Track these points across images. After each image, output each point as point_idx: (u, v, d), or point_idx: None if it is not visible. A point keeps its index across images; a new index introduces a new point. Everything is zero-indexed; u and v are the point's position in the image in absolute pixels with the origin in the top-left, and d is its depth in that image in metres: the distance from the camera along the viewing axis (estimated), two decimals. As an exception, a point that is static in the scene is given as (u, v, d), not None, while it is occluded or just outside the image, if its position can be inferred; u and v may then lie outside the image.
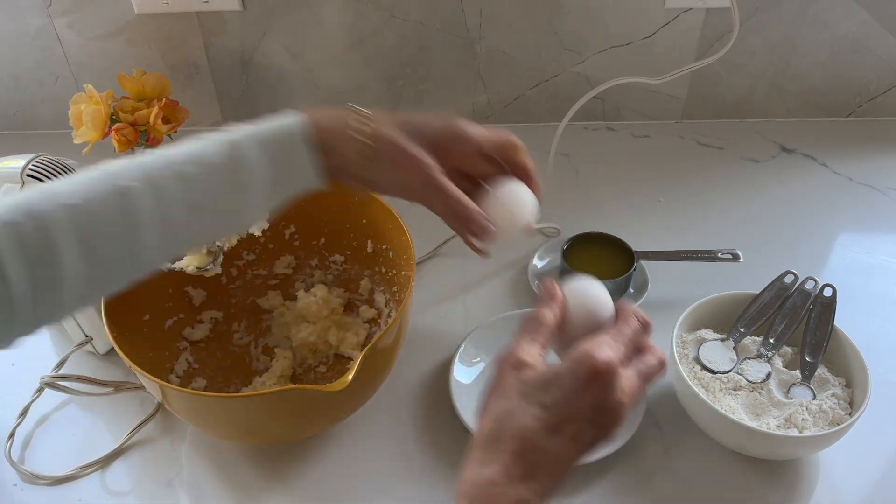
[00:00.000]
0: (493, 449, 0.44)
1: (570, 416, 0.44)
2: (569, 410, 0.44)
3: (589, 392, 0.44)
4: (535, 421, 0.43)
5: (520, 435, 0.43)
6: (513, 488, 0.42)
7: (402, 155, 0.52)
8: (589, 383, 0.44)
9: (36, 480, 0.69)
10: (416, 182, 0.52)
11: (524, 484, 0.42)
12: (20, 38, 1.04)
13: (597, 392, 0.44)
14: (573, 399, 0.44)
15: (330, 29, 1.03)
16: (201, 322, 0.80)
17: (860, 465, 0.68)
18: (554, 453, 0.43)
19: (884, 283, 0.87)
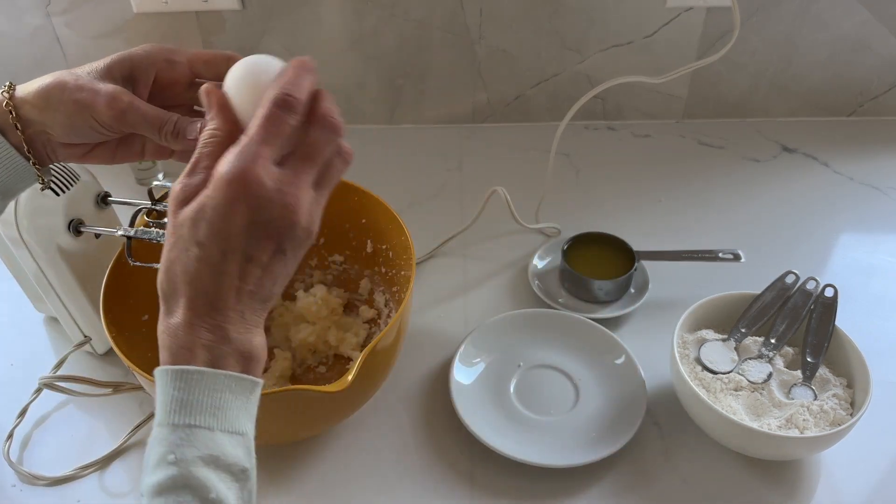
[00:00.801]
0: (173, 300, 0.43)
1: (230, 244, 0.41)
2: (225, 239, 0.41)
3: (235, 212, 0.40)
4: (197, 262, 0.41)
5: (188, 278, 0.42)
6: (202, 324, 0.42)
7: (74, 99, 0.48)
8: (232, 202, 0.40)
9: (34, 481, 0.69)
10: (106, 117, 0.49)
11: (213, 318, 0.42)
12: (19, 38, 1.04)
13: (242, 208, 0.40)
14: (224, 227, 0.41)
15: (330, 28, 1.03)
16: (200, 322, 0.79)
17: (861, 466, 0.68)
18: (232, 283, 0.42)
19: (885, 283, 0.87)
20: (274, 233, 0.42)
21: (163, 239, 0.62)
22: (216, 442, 0.40)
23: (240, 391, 0.42)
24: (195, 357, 0.42)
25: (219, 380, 0.41)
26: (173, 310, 0.43)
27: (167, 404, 0.41)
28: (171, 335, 0.42)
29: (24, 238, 0.68)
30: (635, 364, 0.74)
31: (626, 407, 0.71)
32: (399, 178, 1.04)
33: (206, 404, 0.41)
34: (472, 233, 0.93)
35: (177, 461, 0.39)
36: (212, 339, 0.42)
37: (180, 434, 0.40)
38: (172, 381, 0.41)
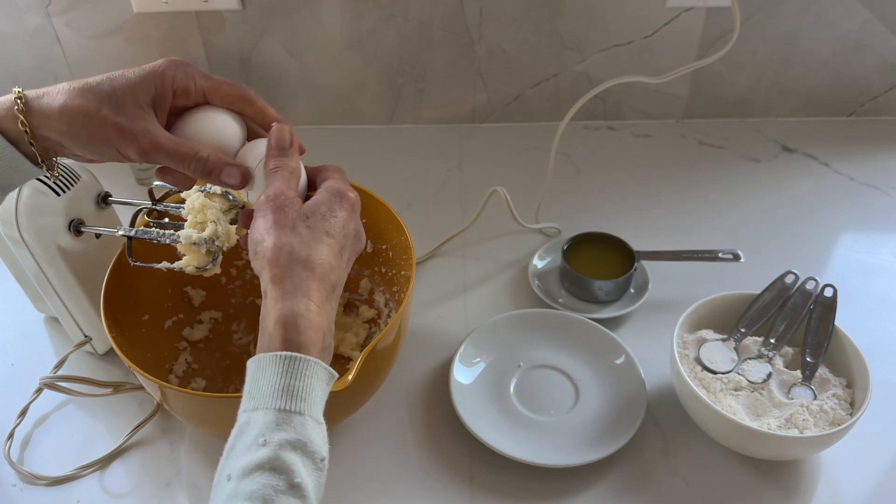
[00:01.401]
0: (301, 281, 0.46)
1: (347, 242, 0.50)
2: (346, 236, 0.50)
3: (354, 220, 0.51)
4: (327, 246, 0.48)
5: (320, 261, 0.47)
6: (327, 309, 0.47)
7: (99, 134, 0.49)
8: (353, 210, 0.51)
9: (35, 481, 0.69)
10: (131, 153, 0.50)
11: (332, 304, 0.48)
12: (18, 38, 1.04)
13: (357, 219, 0.52)
14: (347, 225, 0.50)
15: (330, 28, 1.03)
16: (201, 322, 0.80)
17: (861, 466, 0.68)
18: (342, 277, 0.50)
19: (885, 283, 0.87)
20: (359, 249, 0.53)
21: (163, 239, 0.62)
22: (305, 428, 0.42)
23: (324, 380, 0.45)
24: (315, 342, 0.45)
25: (316, 368, 0.44)
26: (300, 290, 0.46)
27: (270, 388, 0.43)
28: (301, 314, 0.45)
29: (25, 238, 0.68)
30: (635, 364, 0.74)
31: (626, 407, 0.71)
32: (399, 178, 1.04)
33: (302, 390, 0.43)
34: (472, 233, 0.93)
35: (267, 443, 0.41)
36: (329, 326, 0.47)
37: (272, 417, 0.42)
38: (282, 366, 0.43)
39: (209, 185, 0.62)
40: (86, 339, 0.77)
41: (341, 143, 1.11)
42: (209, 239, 0.59)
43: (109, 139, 0.49)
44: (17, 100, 0.49)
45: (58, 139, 0.50)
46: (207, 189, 0.62)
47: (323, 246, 0.48)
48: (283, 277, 0.46)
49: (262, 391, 0.43)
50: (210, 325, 0.80)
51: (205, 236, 0.59)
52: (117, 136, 0.49)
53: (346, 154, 1.09)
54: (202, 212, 0.60)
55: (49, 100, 0.49)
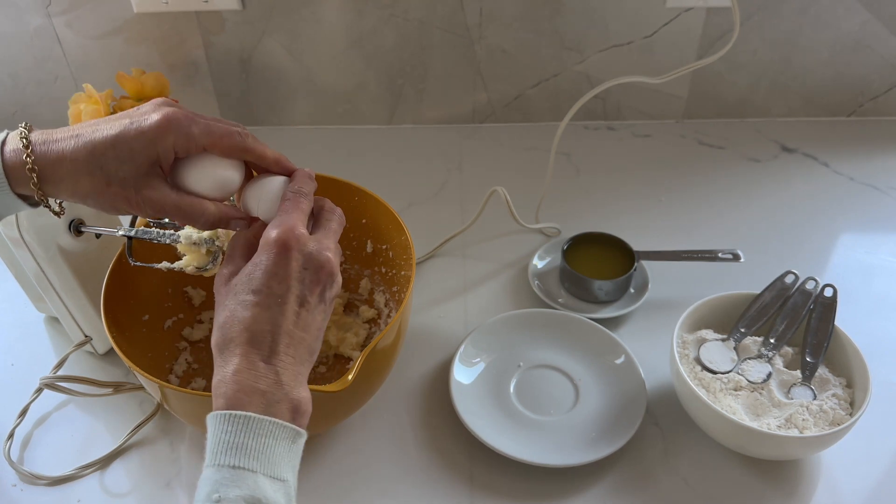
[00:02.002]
0: (228, 350, 0.47)
1: (285, 287, 0.48)
2: (280, 283, 0.48)
3: (288, 260, 0.48)
4: (252, 307, 0.47)
5: (244, 326, 0.47)
6: (259, 369, 0.46)
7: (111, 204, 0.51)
8: (283, 254, 0.48)
9: (35, 481, 0.69)
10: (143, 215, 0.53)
11: (269, 362, 0.46)
12: (19, 38, 1.04)
13: (295, 255, 0.49)
14: (279, 271, 0.48)
15: (330, 28, 1.03)
16: (201, 322, 0.80)
17: (861, 466, 0.68)
18: (286, 326, 0.47)
19: (885, 283, 0.87)
20: (321, 279, 0.50)
21: (163, 239, 0.62)
22: (258, 485, 0.43)
23: (283, 438, 0.45)
24: (251, 402, 0.45)
25: (265, 425, 0.44)
26: (228, 359, 0.47)
27: (215, 446, 0.43)
28: (227, 382, 0.46)
29: (25, 238, 0.68)
30: (635, 364, 0.74)
31: (626, 407, 0.71)
32: (399, 178, 1.04)
33: (252, 448, 0.43)
34: (472, 233, 0.93)
35: (220, 500, 0.41)
36: (268, 383, 0.46)
37: (225, 474, 0.42)
38: (222, 424, 0.44)
39: None
40: (86, 339, 0.77)
41: (341, 143, 1.11)
42: (209, 239, 0.60)
43: (121, 208, 0.51)
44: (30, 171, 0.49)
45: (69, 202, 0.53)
46: None
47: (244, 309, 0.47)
48: (216, 353, 0.48)
49: (212, 448, 0.44)
50: (210, 324, 0.80)
51: (205, 236, 0.60)
52: (127, 206, 0.51)
53: (346, 154, 1.10)
54: None
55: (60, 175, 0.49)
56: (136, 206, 0.51)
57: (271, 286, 0.48)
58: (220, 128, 0.52)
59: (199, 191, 0.53)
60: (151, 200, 0.51)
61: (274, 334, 0.47)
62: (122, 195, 0.50)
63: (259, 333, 0.47)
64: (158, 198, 0.51)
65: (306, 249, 0.49)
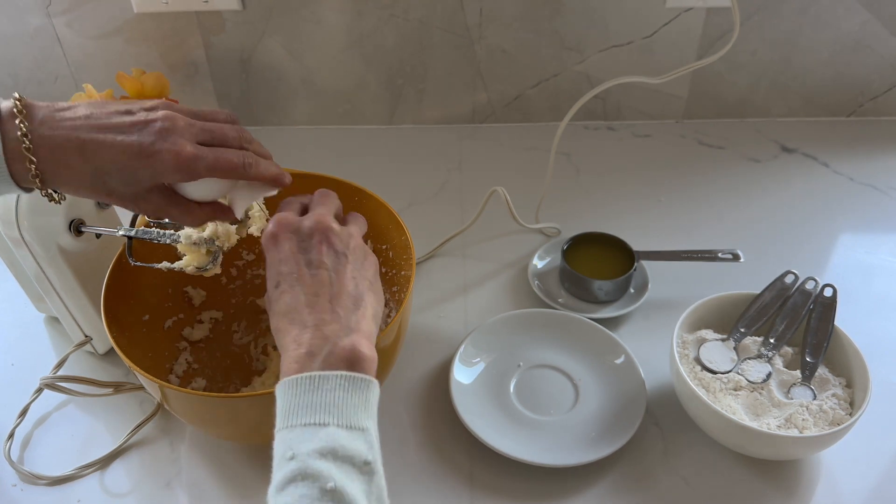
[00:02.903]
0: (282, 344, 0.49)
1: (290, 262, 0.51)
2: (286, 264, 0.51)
3: (282, 242, 0.52)
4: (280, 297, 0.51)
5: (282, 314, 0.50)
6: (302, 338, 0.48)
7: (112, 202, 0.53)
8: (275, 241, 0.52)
9: (35, 481, 0.69)
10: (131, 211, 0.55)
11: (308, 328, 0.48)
12: (19, 38, 1.04)
13: (286, 235, 0.52)
14: (280, 257, 0.52)
15: (330, 28, 1.03)
16: (201, 322, 0.80)
17: (861, 466, 0.68)
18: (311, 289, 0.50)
19: (885, 283, 0.87)
20: (319, 239, 0.52)
21: (163, 239, 0.62)
22: (332, 436, 0.43)
23: (353, 389, 0.45)
24: (303, 366, 0.46)
25: (329, 380, 0.45)
26: (285, 346, 0.49)
27: (284, 411, 0.45)
28: (282, 364, 0.48)
29: (25, 238, 0.68)
30: (635, 364, 0.74)
31: (626, 407, 0.71)
32: (399, 178, 1.04)
33: (319, 404, 0.44)
34: (472, 233, 0.93)
35: (294, 456, 0.42)
36: (311, 343, 0.47)
37: (296, 433, 0.43)
38: (287, 390, 0.45)
39: None
40: (86, 338, 0.77)
41: (341, 143, 1.11)
42: (209, 239, 0.60)
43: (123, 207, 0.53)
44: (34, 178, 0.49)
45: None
46: None
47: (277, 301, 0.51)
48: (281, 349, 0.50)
49: (279, 414, 0.45)
50: (210, 324, 0.80)
51: (205, 236, 0.60)
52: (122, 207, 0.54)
53: (346, 154, 1.10)
54: None
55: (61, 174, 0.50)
56: (131, 209, 0.54)
57: (282, 271, 0.51)
58: (227, 162, 0.52)
59: (195, 198, 0.54)
60: (147, 211, 0.53)
61: (305, 304, 0.49)
62: (121, 203, 0.53)
63: (293, 312, 0.49)
64: (154, 209, 0.53)
65: (293, 226, 0.53)
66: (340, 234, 0.53)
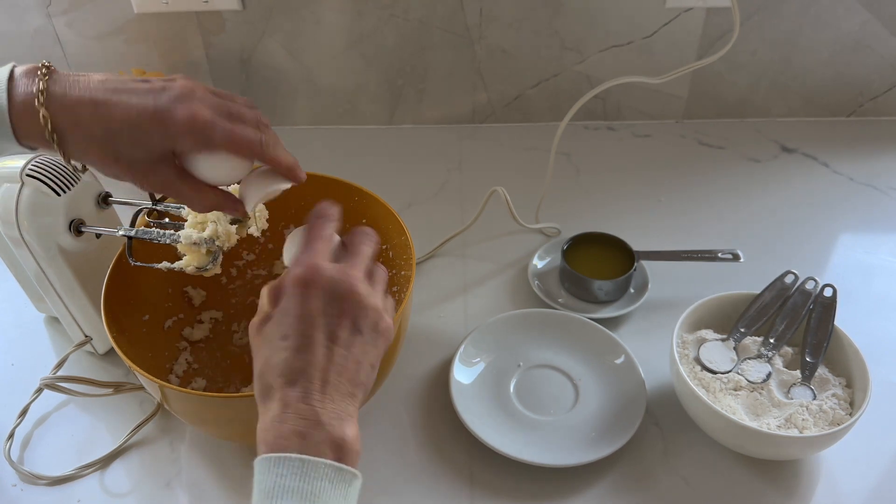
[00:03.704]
0: (268, 397, 0.46)
1: (310, 324, 0.47)
2: (306, 323, 0.47)
3: (310, 296, 0.47)
4: (284, 351, 0.46)
5: (278, 371, 0.46)
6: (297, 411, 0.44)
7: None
8: (305, 290, 0.47)
9: (35, 481, 0.69)
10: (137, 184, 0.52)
11: (306, 403, 0.45)
12: (19, 38, 1.04)
13: (316, 291, 0.47)
14: (303, 309, 0.47)
15: (330, 28, 1.03)
16: (201, 322, 0.80)
17: (861, 466, 0.68)
18: (319, 363, 0.46)
19: (885, 283, 0.87)
20: (347, 309, 0.48)
21: (163, 239, 0.62)
22: None
23: (338, 481, 0.44)
24: (290, 445, 0.43)
25: (317, 468, 0.43)
26: (268, 406, 0.46)
27: (267, 490, 0.42)
28: (267, 429, 0.45)
29: (25, 238, 0.68)
30: (635, 364, 0.74)
31: (626, 407, 0.71)
32: (399, 178, 1.04)
33: (304, 491, 0.42)
34: (472, 233, 0.93)
35: None
36: (305, 424, 0.44)
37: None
38: (272, 467, 0.42)
39: None
40: (86, 338, 0.77)
41: (341, 143, 1.11)
42: (209, 239, 0.60)
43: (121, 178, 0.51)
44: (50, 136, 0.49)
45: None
46: None
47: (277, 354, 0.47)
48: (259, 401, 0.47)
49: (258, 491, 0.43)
50: (210, 324, 0.80)
51: (205, 236, 0.60)
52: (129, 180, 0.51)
53: (346, 154, 1.10)
54: None
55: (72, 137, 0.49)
56: (138, 182, 0.51)
57: (298, 328, 0.47)
58: (243, 136, 0.51)
59: (206, 179, 0.53)
60: (155, 184, 0.51)
61: (308, 375, 0.46)
62: (128, 173, 0.50)
63: (293, 376, 0.46)
64: (162, 183, 0.51)
65: (328, 283, 0.48)
66: (370, 312, 0.49)
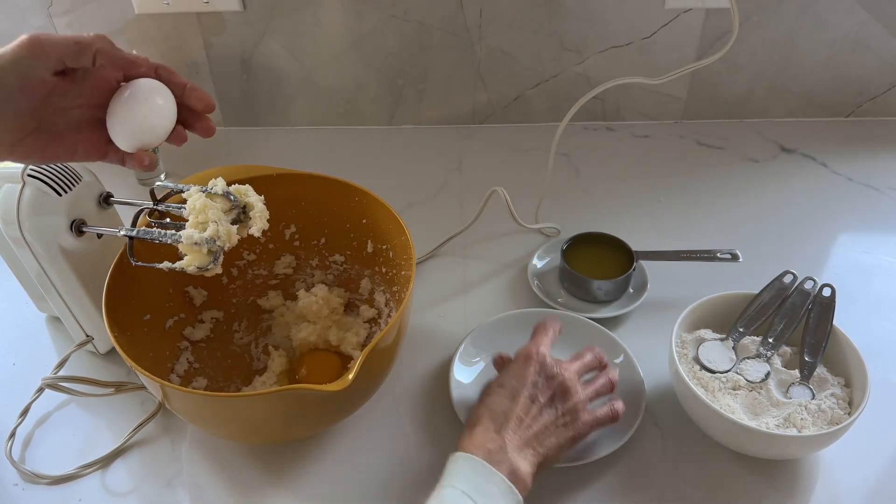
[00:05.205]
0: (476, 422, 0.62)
1: (521, 384, 0.63)
2: (519, 381, 0.64)
3: (528, 367, 0.64)
4: (496, 395, 0.63)
5: (488, 407, 0.63)
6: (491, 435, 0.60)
7: None
8: (525, 362, 0.65)
9: (36, 480, 0.69)
10: None
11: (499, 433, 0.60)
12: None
13: (535, 366, 0.64)
14: (520, 373, 0.64)
15: (330, 29, 1.03)
16: (202, 322, 0.80)
17: (859, 465, 0.68)
18: (516, 412, 0.61)
19: (883, 283, 0.87)
20: (552, 386, 0.64)
21: (164, 239, 0.62)
22: None
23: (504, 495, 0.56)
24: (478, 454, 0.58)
25: (495, 476, 0.56)
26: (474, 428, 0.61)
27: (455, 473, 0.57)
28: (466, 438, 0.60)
29: (27, 238, 0.69)
30: (634, 363, 0.75)
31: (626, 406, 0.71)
32: (399, 178, 1.04)
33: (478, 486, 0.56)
34: (472, 233, 0.93)
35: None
36: (495, 447, 0.59)
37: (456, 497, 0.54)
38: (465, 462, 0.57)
39: (210, 186, 0.63)
40: (87, 338, 0.77)
41: (341, 143, 1.12)
42: (210, 239, 0.60)
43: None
44: None
45: None
46: (209, 189, 0.62)
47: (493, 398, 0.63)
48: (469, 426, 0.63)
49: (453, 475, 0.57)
50: (211, 324, 0.80)
51: (206, 236, 0.60)
52: None
53: (346, 154, 1.10)
54: (203, 212, 0.60)
55: None
56: None
57: (512, 383, 0.63)
58: None
59: None
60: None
61: (507, 414, 0.61)
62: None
63: (497, 412, 0.61)
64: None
65: (544, 362, 0.64)
66: (571, 394, 0.63)
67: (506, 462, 0.57)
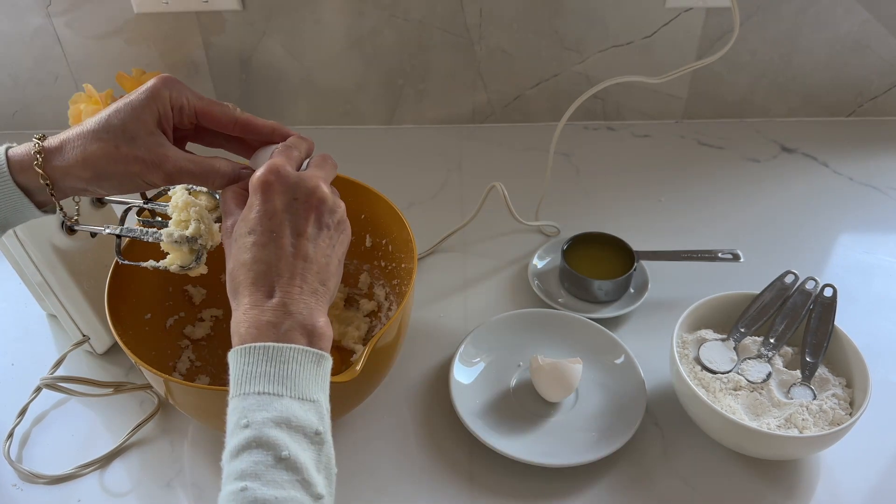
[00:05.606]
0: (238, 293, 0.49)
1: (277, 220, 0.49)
2: (271, 217, 0.49)
3: (274, 194, 0.50)
4: (251, 248, 0.49)
5: (247, 267, 0.49)
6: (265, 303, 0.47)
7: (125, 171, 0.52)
8: (267, 190, 0.50)
9: (35, 480, 0.69)
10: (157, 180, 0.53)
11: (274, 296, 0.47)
12: (19, 38, 1.04)
13: (280, 188, 0.50)
14: (268, 209, 0.49)
15: (330, 29, 1.03)
16: (202, 320, 0.80)
17: (861, 466, 0.68)
18: (286, 257, 0.49)
19: (884, 283, 0.87)
20: (312, 205, 0.50)
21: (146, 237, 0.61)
22: (285, 406, 0.44)
23: (307, 363, 0.46)
24: (262, 334, 0.46)
25: (284, 352, 0.46)
26: (240, 301, 0.48)
27: (238, 378, 0.45)
28: (239, 322, 0.47)
29: (20, 236, 0.69)
30: (635, 364, 0.74)
31: (626, 407, 0.71)
32: (399, 178, 1.04)
33: (275, 374, 0.45)
34: (472, 231, 0.93)
35: (249, 424, 0.43)
36: (275, 314, 0.47)
37: (251, 401, 0.44)
38: (242, 357, 0.45)
39: None
40: (84, 338, 0.77)
41: (341, 143, 1.11)
42: (192, 237, 0.58)
43: (135, 173, 0.52)
44: (38, 154, 0.51)
45: (83, 186, 0.52)
46: (193, 187, 0.61)
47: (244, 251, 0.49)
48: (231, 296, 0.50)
49: (236, 380, 0.45)
50: (211, 322, 0.80)
51: (187, 234, 0.58)
52: (142, 169, 0.51)
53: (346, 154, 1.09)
54: (185, 209, 0.59)
55: (69, 152, 0.51)
56: (151, 168, 0.51)
57: (264, 224, 0.49)
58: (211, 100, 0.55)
59: None
60: (165, 159, 0.52)
61: (276, 267, 0.48)
62: (134, 156, 0.51)
63: (261, 270, 0.48)
64: (172, 156, 0.52)
65: (290, 182, 0.50)
66: (332, 206, 0.52)
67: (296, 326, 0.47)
